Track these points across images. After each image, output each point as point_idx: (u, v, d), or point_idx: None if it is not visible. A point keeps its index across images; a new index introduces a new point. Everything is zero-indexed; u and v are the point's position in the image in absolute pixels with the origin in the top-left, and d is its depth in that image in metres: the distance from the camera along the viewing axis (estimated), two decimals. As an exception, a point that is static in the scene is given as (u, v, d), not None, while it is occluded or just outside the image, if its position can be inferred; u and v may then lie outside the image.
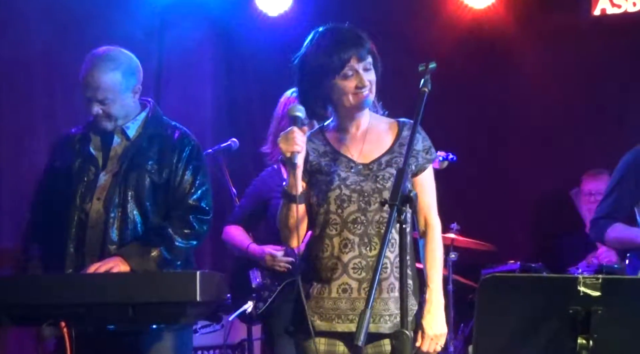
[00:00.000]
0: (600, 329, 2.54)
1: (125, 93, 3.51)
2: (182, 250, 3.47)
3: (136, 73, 3.56)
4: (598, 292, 2.53)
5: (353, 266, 3.01)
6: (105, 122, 3.53)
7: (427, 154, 3.12)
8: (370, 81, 3.03)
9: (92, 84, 3.46)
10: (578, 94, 5.65)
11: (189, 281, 3.10)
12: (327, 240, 3.06)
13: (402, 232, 2.69)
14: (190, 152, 3.56)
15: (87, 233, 3.46)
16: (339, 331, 3.02)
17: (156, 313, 3.16)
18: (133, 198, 3.48)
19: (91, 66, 3.49)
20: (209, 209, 3.56)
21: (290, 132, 2.93)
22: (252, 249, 4.33)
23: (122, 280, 3.21)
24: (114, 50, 3.56)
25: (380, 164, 3.07)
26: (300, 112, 2.96)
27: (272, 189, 4.30)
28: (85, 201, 3.48)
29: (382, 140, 3.11)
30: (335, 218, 3.04)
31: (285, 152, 2.93)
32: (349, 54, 3.01)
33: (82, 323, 3.15)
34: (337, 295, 3.03)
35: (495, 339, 2.65)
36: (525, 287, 2.64)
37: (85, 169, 3.52)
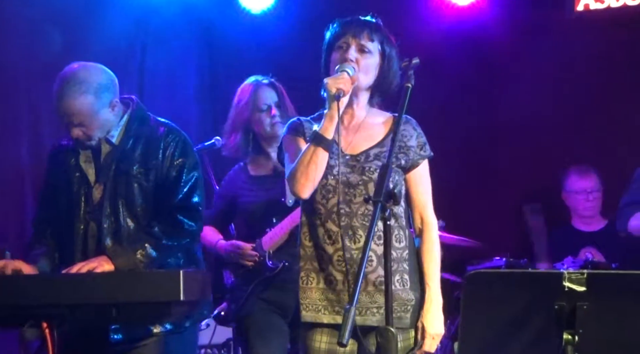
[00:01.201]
0: (585, 325, 2.55)
1: (101, 111, 3.46)
2: (170, 248, 3.45)
3: (109, 88, 3.49)
4: (583, 287, 2.53)
5: (337, 258, 3.00)
6: (87, 142, 3.51)
7: (421, 150, 3.11)
8: (359, 60, 3.01)
9: (66, 110, 3.43)
10: (562, 90, 5.65)
11: (173, 281, 3.08)
12: (312, 229, 3.05)
13: (387, 228, 2.68)
14: (175, 148, 3.53)
15: (88, 243, 3.48)
16: (324, 322, 3.02)
17: (140, 313, 3.14)
18: (124, 206, 3.48)
19: (61, 90, 3.44)
20: (198, 205, 3.53)
21: (341, 74, 2.95)
22: (220, 245, 4.23)
23: (105, 280, 3.20)
24: (81, 70, 3.47)
25: (368, 156, 3.05)
26: (351, 70, 2.98)
27: (239, 187, 4.25)
28: (85, 213, 3.49)
29: (374, 133, 3.09)
30: (319, 207, 3.03)
31: (331, 88, 2.92)
32: (346, 29, 3.05)
33: (65, 323, 3.12)
34: (323, 286, 3.03)
35: (481, 335, 2.65)
36: (510, 283, 2.64)
37: (81, 183, 3.53)
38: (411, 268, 3.06)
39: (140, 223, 3.48)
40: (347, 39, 3.04)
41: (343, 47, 3.04)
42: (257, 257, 4.13)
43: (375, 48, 3.06)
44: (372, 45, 3.05)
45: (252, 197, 4.21)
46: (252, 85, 4.28)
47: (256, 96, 4.24)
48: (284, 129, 3.22)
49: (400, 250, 3.04)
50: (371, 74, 3.06)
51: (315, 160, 2.92)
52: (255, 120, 4.23)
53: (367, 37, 3.05)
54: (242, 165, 4.33)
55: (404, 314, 3.02)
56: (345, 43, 3.04)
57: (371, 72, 3.05)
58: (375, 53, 3.06)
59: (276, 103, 4.24)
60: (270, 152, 4.25)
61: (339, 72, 2.97)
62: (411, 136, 3.10)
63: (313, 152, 2.93)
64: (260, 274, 4.13)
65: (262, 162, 4.29)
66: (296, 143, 3.08)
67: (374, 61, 3.06)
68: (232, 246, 4.19)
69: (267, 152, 4.27)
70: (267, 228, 4.16)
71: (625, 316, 2.59)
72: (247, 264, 4.15)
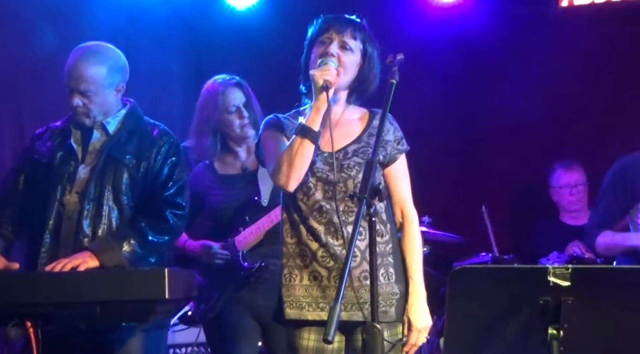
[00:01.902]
0: (570, 319, 2.55)
1: (108, 88, 3.50)
2: (155, 245, 3.45)
3: (121, 72, 3.56)
4: (568, 282, 2.54)
5: (321, 255, 3.00)
6: (83, 117, 3.52)
7: (398, 145, 3.11)
8: (340, 56, 3.01)
9: (75, 75, 3.46)
10: (547, 86, 5.66)
11: (158, 279, 3.07)
12: (294, 227, 3.05)
13: (371, 225, 2.68)
14: (169, 147, 3.55)
15: (62, 225, 3.45)
16: (309, 319, 3.01)
17: (124, 311, 3.14)
18: (110, 191, 3.47)
19: (77, 58, 3.49)
20: (184, 205, 3.54)
21: (326, 66, 2.95)
22: (189, 244, 4.13)
23: (89, 278, 3.18)
24: (102, 45, 3.57)
25: (347, 153, 3.05)
26: (333, 64, 2.98)
27: (206, 185, 4.17)
28: (64, 193, 3.47)
29: (351, 129, 3.09)
30: (301, 205, 3.02)
31: (317, 79, 2.92)
32: (330, 25, 3.05)
33: (49, 322, 3.10)
34: (308, 283, 3.02)
35: (466, 331, 2.65)
36: (495, 278, 2.64)
37: (66, 162, 3.51)
38: (396, 261, 3.06)
39: (123, 213, 3.47)
40: (330, 35, 3.04)
41: (325, 42, 3.04)
42: (228, 256, 4.06)
43: (357, 47, 3.06)
44: (354, 43, 3.05)
45: (221, 196, 4.15)
46: (220, 85, 4.21)
47: (224, 98, 4.17)
48: (261, 125, 3.19)
49: (383, 244, 3.04)
50: (351, 72, 3.05)
51: (302, 151, 2.91)
52: (224, 121, 4.16)
53: (350, 34, 3.05)
54: (207, 163, 4.24)
55: (389, 309, 3.02)
56: (328, 38, 3.04)
57: (351, 70, 3.05)
58: (356, 51, 3.06)
59: (244, 104, 4.18)
60: (239, 151, 4.21)
61: (322, 65, 2.97)
62: (388, 130, 3.10)
63: (300, 144, 2.91)
64: (232, 274, 4.06)
65: (230, 160, 4.23)
66: (276, 139, 3.07)
67: (354, 59, 3.05)
68: (202, 247, 4.10)
69: (235, 151, 4.21)
70: (240, 228, 4.09)
71: (610, 311, 2.60)
72: (218, 263, 4.07)
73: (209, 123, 4.19)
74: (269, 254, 4.04)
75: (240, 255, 4.06)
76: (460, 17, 5.83)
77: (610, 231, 4.15)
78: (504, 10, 5.76)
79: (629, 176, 4.08)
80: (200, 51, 6.19)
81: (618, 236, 4.11)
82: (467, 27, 5.81)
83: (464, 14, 5.82)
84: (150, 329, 3.41)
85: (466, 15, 5.81)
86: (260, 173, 4.11)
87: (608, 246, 4.15)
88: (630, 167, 4.10)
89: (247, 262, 4.05)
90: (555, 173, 5.53)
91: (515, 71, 5.64)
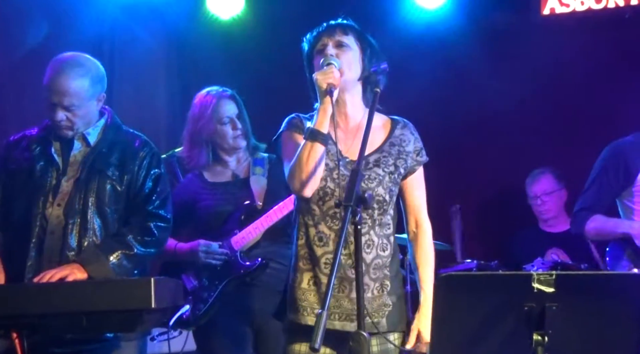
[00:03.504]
0: (555, 325, 2.57)
1: (90, 100, 3.49)
2: (141, 258, 3.45)
3: (102, 82, 3.54)
4: (552, 288, 2.56)
5: (325, 261, 3.00)
6: (66, 130, 3.49)
7: (418, 156, 3.13)
8: (339, 55, 3.02)
9: (59, 90, 3.42)
10: (529, 93, 5.69)
11: (144, 288, 3.07)
12: (303, 228, 3.05)
13: (357, 233, 2.69)
14: (152, 160, 3.55)
15: (46, 239, 3.42)
16: (309, 324, 3.00)
17: (111, 321, 3.13)
18: (94, 204, 3.45)
19: (59, 71, 3.45)
20: (169, 217, 3.55)
21: (328, 68, 2.94)
22: (181, 247, 4.13)
23: (75, 288, 3.17)
24: (81, 56, 3.54)
25: (368, 163, 3.04)
26: (335, 61, 2.98)
27: (195, 192, 4.21)
28: (47, 206, 3.45)
29: (373, 138, 3.04)
30: (315, 209, 3.03)
31: (321, 83, 2.92)
32: (320, 34, 3.08)
33: (35, 333, 3.10)
34: (306, 286, 3.03)
35: (452, 337, 2.66)
36: (480, 285, 2.66)
37: (48, 173, 3.49)
38: (392, 274, 3.07)
39: (108, 225, 3.46)
40: (323, 41, 3.06)
41: (321, 48, 3.06)
42: (227, 255, 4.07)
43: (352, 41, 3.08)
44: (348, 38, 3.07)
45: (212, 201, 4.17)
46: (214, 97, 4.24)
47: (218, 109, 4.20)
48: (282, 125, 3.18)
49: (385, 257, 3.05)
50: (355, 67, 3.06)
51: (314, 156, 2.91)
52: (217, 132, 4.20)
53: (341, 32, 3.07)
54: (196, 173, 4.28)
55: (381, 319, 3.02)
56: (323, 45, 3.06)
57: (354, 65, 3.05)
58: (353, 46, 3.07)
59: (237, 115, 4.23)
60: (229, 160, 4.25)
61: (324, 67, 2.97)
62: (409, 141, 3.12)
63: (311, 148, 2.91)
64: (230, 274, 4.09)
65: (219, 169, 4.26)
66: (295, 139, 3.06)
67: (353, 54, 3.06)
68: (198, 246, 4.09)
69: (225, 160, 4.26)
70: (235, 230, 4.12)
71: (594, 316, 2.62)
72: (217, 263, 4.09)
73: (202, 134, 4.22)
74: (266, 255, 4.07)
75: (238, 255, 4.08)
76: (443, 23, 5.85)
77: (601, 215, 4.09)
78: (487, 18, 5.79)
79: (622, 159, 4.05)
80: (184, 61, 6.19)
81: (610, 222, 4.05)
82: (450, 33, 5.84)
83: (446, 21, 5.84)
84: (136, 339, 3.41)
85: (449, 21, 5.84)
86: (253, 179, 4.15)
87: (599, 231, 4.10)
88: (623, 151, 4.08)
89: (249, 261, 4.08)
90: (526, 183, 5.56)
91: (497, 77, 5.67)
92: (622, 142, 4.14)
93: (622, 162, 4.04)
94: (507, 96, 5.63)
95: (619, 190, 4.08)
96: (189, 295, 4.16)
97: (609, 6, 5.60)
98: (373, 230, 3.00)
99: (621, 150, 4.08)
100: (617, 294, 2.61)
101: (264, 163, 4.25)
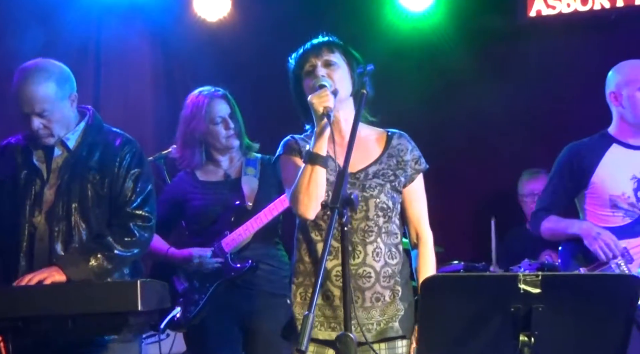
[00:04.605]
0: (541, 326, 2.58)
1: (62, 102, 3.46)
2: (122, 259, 3.43)
3: (69, 81, 3.51)
4: (538, 289, 2.57)
5: (336, 273, 2.99)
6: (47, 138, 3.48)
7: (416, 164, 3.14)
8: (329, 74, 3.02)
9: (28, 98, 3.41)
10: (516, 95, 5.71)
11: (130, 291, 3.06)
12: (311, 245, 3.05)
13: (344, 235, 2.69)
14: (132, 158, 3.52)
15: (35, 246, 3.42)
16: (320, 338, 3.01)
17: (97, 325, 3.12)
18: (77, 210, 3.44)
19: (23, 80, 3.43)
20: (150, 216, 3.52)
21: (322, 90, 2.94)
22: (173, 253, 4.16)
23: (60, 291, 3.16)
24: (43, 62, 3.51)
25: (367, 174, 3.07)
26: (327, 82, 2.98)
27: (187, 191, 4.23)
28: (34, 214, 3.44)
29: (370, 150, 3.11)
30: (321, 223, 3.03)
31: (317, 107, 2.92)
32: (306, 54, 3.08)
33: (21, 336, 3.08)
34: (320, 302, 3.01)
35: (439, 338, 2.67)
36: (466, 286, 2.66)
37: (32, 182, 3.48)
38: (403, 281, 3.08)
39: (92, 229, 3.45)
40: (311, 62, 3.07)
41: (310, 70, 3.06)
42: (220, 264, 4.10)
43: (339, 58, 3.09)
44: (335, 56, 3.08)
45: (203, 200, 4.19)
46: (206, 97, 4.25)
47: (210, 109, 4.21)
48: (279, 149, 3.19)
49: (394, 265, 3.05)
50: (346, 84, 3.07)
51: (315, 178, 2.91)
52: (209, 132, 4.21)
53: (327, 51, 3.08)
54: (188, 171, 4.30)
55: (394, 324, 3.03)
56: (311, 66, 3.06)
57: (345, 82, 3.06)
58: (341, 63, 3.08)
59: (230, 115, 4.24)
60: (221, 160, 4.26)
61: (318, 89, 2.97)
62: (407, 150, 3.13)
63: (311, 171, 2.92)
64: (220, 276, 4.11)
65: (211, 169, 4.28)
66: (293, 162, 3.08)
67: (343, 71, 3.07)
68: (190, 256, 4.13)
69: (217, 160, 4.27)
70: (225, 231, 4.14)
71: (580, 317, 2.63)
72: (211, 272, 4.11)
73: (194, 134, 4.23)
74: (255, 257, 4.07)
75: (229, 257, 4.09)
76: (429, 26, 5.86)
77: (556, 216, 4.11)
78: (473, 20, 5.80)
79: (576, 161, 4.08)
80: (171, 62, 6.18)
81: (562, 223, 4.07)
82: (436, 35, 5.85)
83: (433, 23, 5.86)
84: (125, 341, 3.40)
85: (435, 24, 5.85)
86: (244, 180, 4.16)
87: (552, 232, 4.13)
88: (578, 153, 4.11)
89: (240, 263, 4.09)
90: (521, 182, 5.57)
91: (484, 80, 5.68)
92: (578, 143, 4.19)
93: (575, 163, 4.08)
94: (495, 98, 5.64)
95: (575, 191, 4.11)
96: (179, 297, 4.18)
97: (595, 8, 5.63)
98: (380, 238, 3.01)
99: (577, 151, 4.12)
100: (602, 295, 2.62)
101: (256, 163, 4.26)
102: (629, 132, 4.07)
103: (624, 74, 4.07)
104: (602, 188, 4.01)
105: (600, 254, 3.90)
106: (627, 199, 3.98)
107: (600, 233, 3.93)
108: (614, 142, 4.08)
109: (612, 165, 4.02)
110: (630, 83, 4.03)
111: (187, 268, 4.16)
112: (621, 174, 4.00)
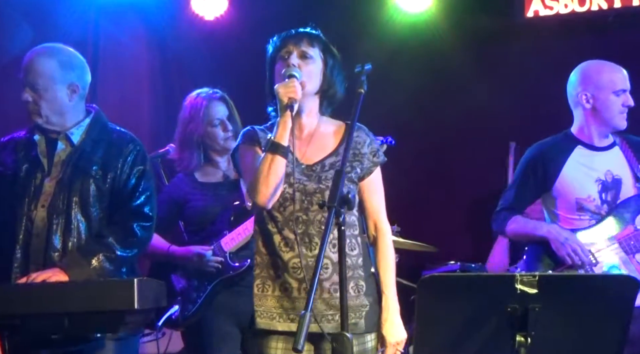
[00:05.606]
0: (537, 326, 2.58)
1: (57, 84, 3.46)
2: (123, 259, 3.42)
3: (75, 70, 3.51)
4: (535, 289, 2.57)
5: (293, 265, 3.01)
6: (35, 116, 3.48)
7: (374, 157, 3.13)
8: (301, 66, 3.03)
9: (27, 65, 3.45)
10: (513, 95, 5.72)
11: (127, 289, 3.06)
12: (267, 237, 3.05)
13: (341, 234, 2.69)
14: (135, 156, 3.52)
15: (31, 241, 3.41)
16: (279, 329, 3.02)
17: (93, 323, 3.12)
18: (77, 204, 3.43)
19: (35, 50, 3.49)
20: (151, 215, 3.52)
21: (290, 81, 2.95)
22: (174, 251, 4.16)
23: (57, 289, 3.15)
24: (62, 46, 3.55)
25: (324, 166, 3.07)
26: (297, 73, 2.99)
27: (186, 192, 4.23)
28: (31, 208, 3.43)
29: (327, 143, 3.11)
30: (277, 215, 3.03)
31: (282, 97, 2.93)
32: (286, 40, 3.08)
33: (17, 334, 3.08)
34: (279, 294, 3.03)
35: (435, 338, 2.67)
36: (463, 286, 2.66)
37: (32, 175, 3.47)
38: (365, 274, 3.07)
39: (92, 225, 3.44)
40: (289, 48, 3.07)
41: (285, 56, 3.06)
42: (220, 264, 4.10)
43: (317, 54, 3.09)
44: (313, 51, 3.08)
45: (202, 201, 4.20)
46: (204, 99, 4.26)
47: (208, 111, 4.23)
48: (238, 138, 3.20)
49: (354, 257, 3.05)
50: (315, 80, 3.07)
51: (274, 168, 2.92)
52: (208, 134, 4.23)
53: (307, 43, 3.08)
54: (186, 173, 4.30)
55: (359, 321, 3.03)
56: (287, 52, 3.06)
57: (315, 77, 3.07)
58: (317, 59, 3.08)
59: (228, 117, 4.26)
60: (220, 161, 4.28)
61: (286, 78, 2.98)
62: (364, 142, 3.12)
63: (271, 161, 2.92)
64: (219, 275, 4.11)
65: (210, 170, 4.30)
66: (252, 151, 3.08)
67: (316, 67, 3.07)
68: (191, 254, 4.13)
69: (216, 161, 4.29)
70: (225, 231, 4.15)
71: (577, 317, 2.63)
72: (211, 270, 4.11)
73: (193, 136, 4.24)
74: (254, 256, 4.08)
75: (227, 256, 4.10)
76: (426, 26, 5.87)
77: (521, 216, 4.08)
78: (470, 20, 5.81)
79: (540, 162, 4.06)
80: (168, 61, 6.18)
81: (529, 225, 4.03)
82: (434, 36, 5.86)
83: (430, 24, 5.86)
84: (122, 338, 3.39)
85: (433, 24, 5.86)
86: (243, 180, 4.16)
87: (517, 233, 4.09)
88: (542, 153, 4.10)
89: (238, 262, 4.10)
90: None
91: (482, 80, 5.69)
92: (542, 143, 4.17)
93: (540, 164, 4.06)
94: (492, 98, 5.65)
95: (538, 193, 4.08)
96: (178, 296, 4.19)
97: (593, 9, 5.64)
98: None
99: (540, 152, 4.10)
100: (599, 295, 2.63)
101: None
102: (594, 133, 4.05)
103: (596, 76, 4.03)
104: (567, 191, 3.99)
105: (568, 260, 3.89)
106: (592, 201, 3.96)
107: (568, 238, 3.91)
108: (579, 143, 4.06)
109: (577, 168, 4.00)
110: (605, 87, 4.00)
111: (187, 266, 4.16)
112: (586, 177, 3.98)
